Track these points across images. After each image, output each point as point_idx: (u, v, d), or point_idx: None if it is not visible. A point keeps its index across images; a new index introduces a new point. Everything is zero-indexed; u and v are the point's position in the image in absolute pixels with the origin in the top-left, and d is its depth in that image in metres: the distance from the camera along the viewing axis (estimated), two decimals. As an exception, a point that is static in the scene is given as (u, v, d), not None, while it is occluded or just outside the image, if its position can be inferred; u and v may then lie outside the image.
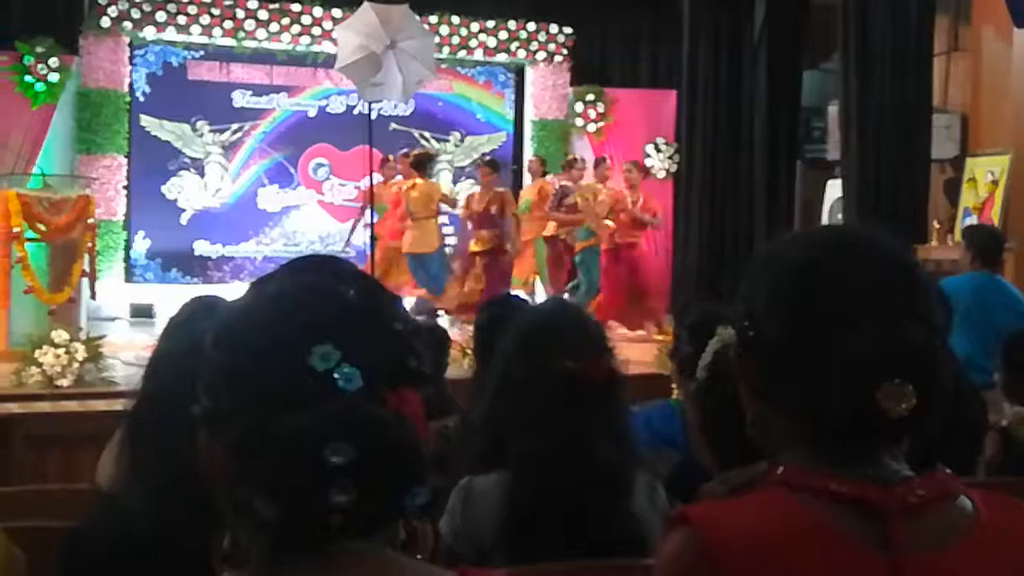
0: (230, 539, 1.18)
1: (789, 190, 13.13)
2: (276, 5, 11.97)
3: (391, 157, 11.21)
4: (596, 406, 2.50)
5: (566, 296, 10.24)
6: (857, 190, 10.96)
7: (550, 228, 10.96)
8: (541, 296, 10.56)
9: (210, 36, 11.87)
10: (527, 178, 12.00)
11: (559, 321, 2.68)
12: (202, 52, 12.12)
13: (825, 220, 12.40)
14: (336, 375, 1.11)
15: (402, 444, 1.13)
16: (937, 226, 10.72)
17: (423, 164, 10.78)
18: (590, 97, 13.06)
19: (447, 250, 11.40)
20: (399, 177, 10.99)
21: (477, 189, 11.27)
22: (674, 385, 5.09)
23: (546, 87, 13.17)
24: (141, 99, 11.93)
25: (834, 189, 12.31)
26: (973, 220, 10.17)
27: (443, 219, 11.34)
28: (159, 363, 2.10)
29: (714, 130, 12.97)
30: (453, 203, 11.19)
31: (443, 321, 9.35)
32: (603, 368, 2.57)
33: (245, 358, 1.15)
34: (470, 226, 10.92)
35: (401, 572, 1.19)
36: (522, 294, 10.19)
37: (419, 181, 10.54)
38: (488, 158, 11.69)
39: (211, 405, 1.17)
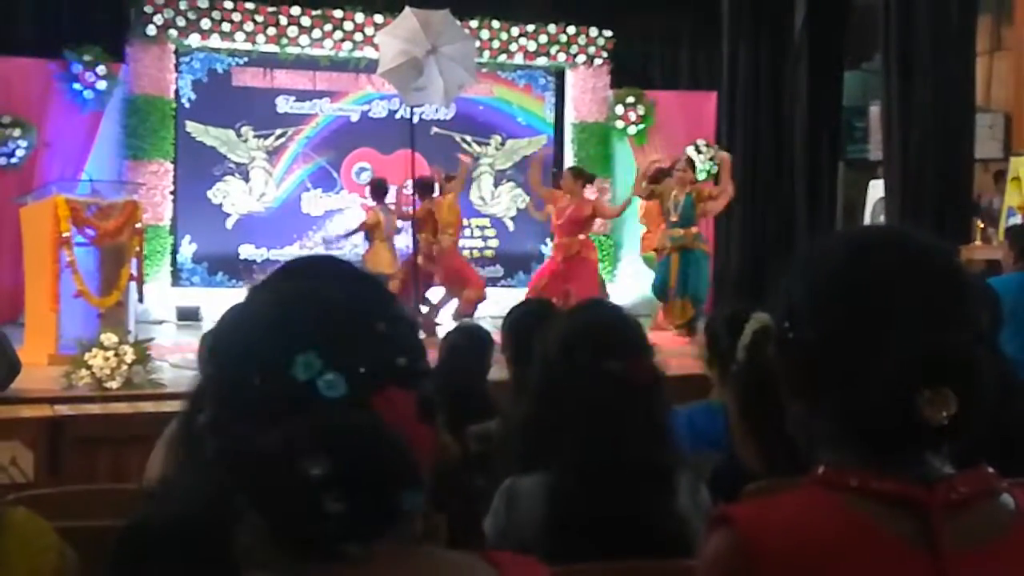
0: (252, 537, 1.18)
1: (831, 191, 13.04)
2: (319, 11, 12.02)
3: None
4: (639, 406, 2.50)
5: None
6: (900, 190, 10.88)
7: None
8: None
9: (254, 43, 11.95)
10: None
11: (601, 323, 2.69)
12: (246, 59, 12.21)
13: (868, 221, 12.32)
14: (319, 383, 1.11)
15: (381, 449, 1.11)
16: (981, 226, 10.63)
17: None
18: (630, 99, 13.03)
19: None
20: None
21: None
22: (714, 386, 5.09)
23: (586, 90, 13.15)
24: (187, 105, 12.03)
25: (877, 189, 12.22)
26: (1018, 220, 10.06)
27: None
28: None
29: (755, 131, 12.91)
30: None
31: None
32: (647, 368, 2.58)
33: (234, 371, 1.15)
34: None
35: (433, 565, 1.20)
36: None
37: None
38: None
39: (211, 414, 1.18)
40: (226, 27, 11.76)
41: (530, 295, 9.60)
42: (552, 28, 12.91)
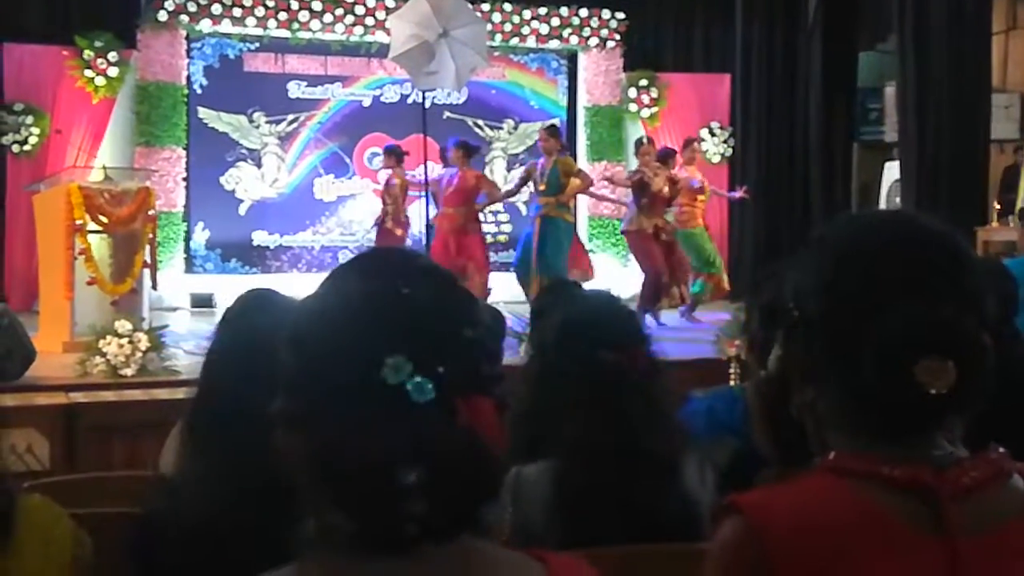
0: (314, 526, 1.19)
1: (846, 173, 13.01)
2: (330, -4, 12.03)
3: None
4: (635, 395, 2.52)
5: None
6: (916, 172, 10.84)
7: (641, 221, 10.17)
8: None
9: (265, 28, 11.94)
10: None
11: (596, 313, 2.71)
12: (257, 44, 12.20)
13: (883, 203, 12.30)
14: (409, 387, 1.10)
15: (473, 462, 1.13)
16: (997, 207, 10.57)
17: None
18: (643, 82, 13.00)
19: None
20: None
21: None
22: (732, 371, 5.04)
23: (599, 73, 13.11)
24: (198, 91, 12.03)
25: (892, 171, 12.19)
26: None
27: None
28: (215, 357, 2.14)
29: (769, 113, 12.88)
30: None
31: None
32: (641, 358, 2.59)
33: (318, 368, 1.14)
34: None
35: (484, 560, 1.19)
36: None
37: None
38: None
39: (289, 405, 1.17)
40: (237, 12, 11.74)
41: None
42: (564, 11, 12.87)
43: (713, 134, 12.98)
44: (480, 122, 13.00)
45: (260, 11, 11.81)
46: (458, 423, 1.12)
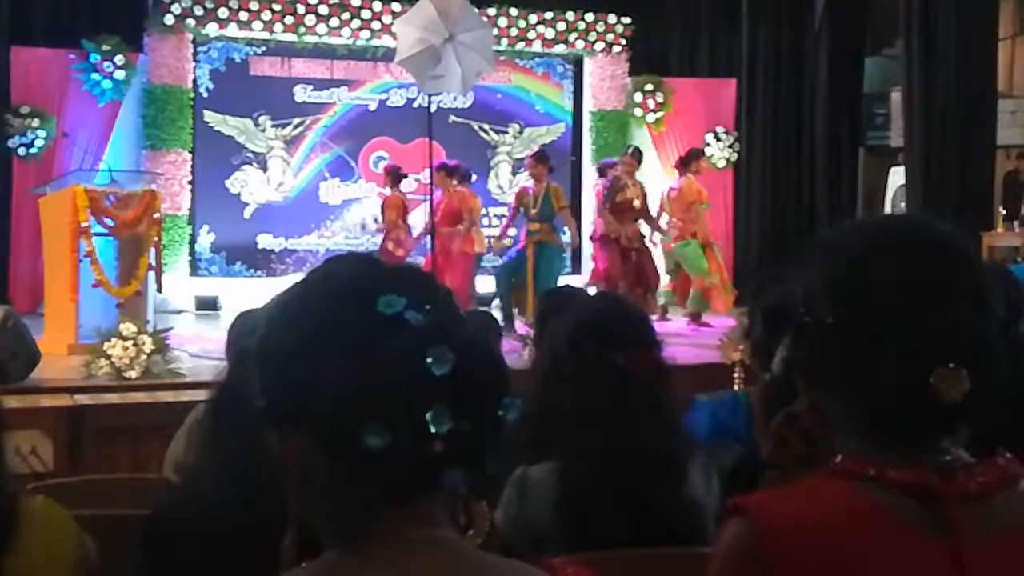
0: (294, 538, 1.21)
1: (851, 178, 13.02)
2: (336, 0, 12.04)
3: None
4: (643, 397, 2.52)
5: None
6: (921, 177, 10.85)
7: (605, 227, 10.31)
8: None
9: (271, 32, 11.96)
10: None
11: (608, 315, 2.71)
12: (264, 48, 12.22)
13: (888, 207, 12.30)
14: (406, 315, 1.16)
15: (488, 350, 1.18)
16: (1003, 212, 10.57)
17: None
18: (649, 87, 12.99)
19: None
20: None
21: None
22: (736, 376, 5.03)
23: (604, 77, 13.11)
24: (204, 95, 12.05)
25: (897, 176, 12.19)
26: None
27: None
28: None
29: (774, 118, 12.89)
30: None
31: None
32: (651, 362, 2.60)
33: (314, 329, 1.17)
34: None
35: (480, 566, 1.19)
36: None
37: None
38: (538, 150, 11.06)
39: (279, 395, 1.18)
40: (244, 16, 11.75)
41: None
42: (570, 15, 12.87)
43: (719, 139, 12.97)
44: (486, 126, 13.00)
45: (266, 15, 11.82)
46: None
